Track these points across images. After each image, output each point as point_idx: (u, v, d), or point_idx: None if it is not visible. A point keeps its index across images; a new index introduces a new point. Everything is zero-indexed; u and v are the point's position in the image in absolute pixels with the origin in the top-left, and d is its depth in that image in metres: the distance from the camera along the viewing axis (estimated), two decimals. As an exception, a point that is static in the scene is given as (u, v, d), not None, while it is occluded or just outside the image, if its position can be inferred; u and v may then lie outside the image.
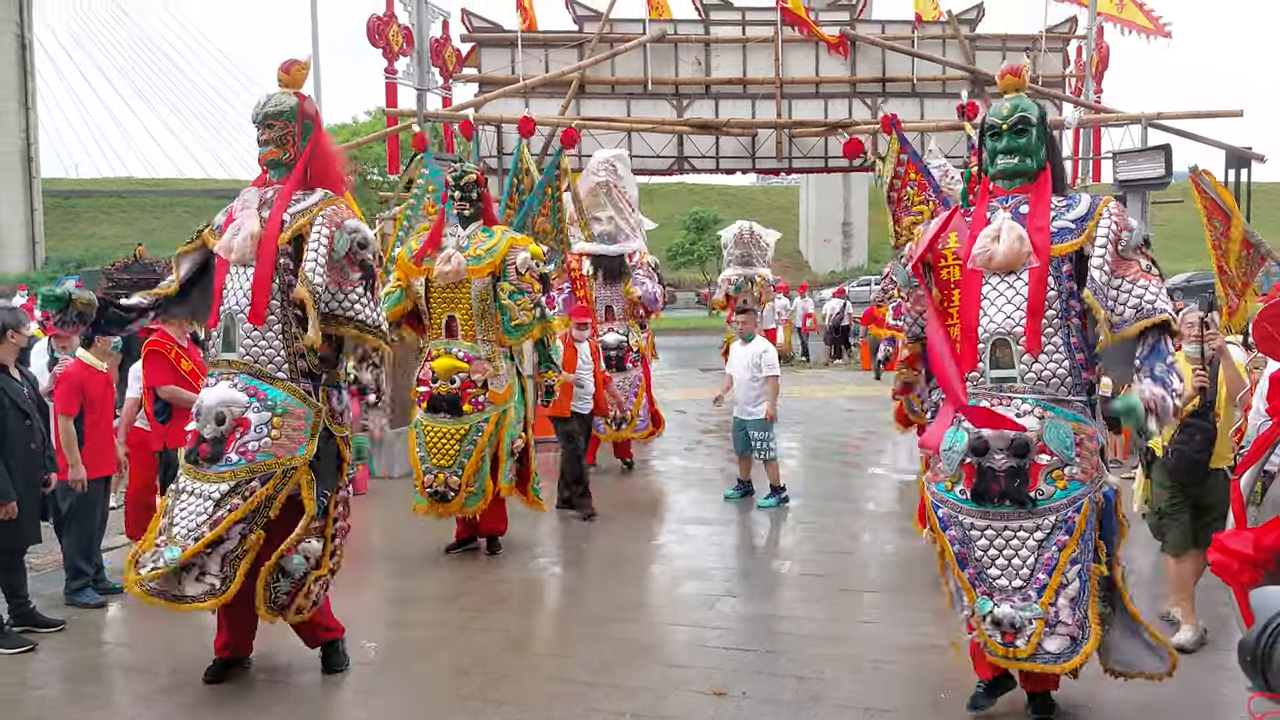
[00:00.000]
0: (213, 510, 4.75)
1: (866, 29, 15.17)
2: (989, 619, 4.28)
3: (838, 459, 11.66)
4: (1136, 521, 5.64)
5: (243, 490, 4.79)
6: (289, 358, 4.99)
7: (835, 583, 6.79)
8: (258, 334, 4.95)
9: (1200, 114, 14.27)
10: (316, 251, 4.93)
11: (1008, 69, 4.70)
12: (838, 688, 5.02)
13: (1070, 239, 4.36)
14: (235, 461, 4.82)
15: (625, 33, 14.75)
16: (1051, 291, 4.33)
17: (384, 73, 13.37)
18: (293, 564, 4.92)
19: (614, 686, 5.07)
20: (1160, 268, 4.42)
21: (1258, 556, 3.17)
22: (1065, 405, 4.30)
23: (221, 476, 4.81)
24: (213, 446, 4.86)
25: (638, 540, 8.03)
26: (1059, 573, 4.19)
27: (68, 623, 6.05)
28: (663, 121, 14.62)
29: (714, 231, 43.19)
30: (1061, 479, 4.23)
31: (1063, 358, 4.32)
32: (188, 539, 4.73)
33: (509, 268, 7.08)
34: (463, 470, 7.07)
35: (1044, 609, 4.19)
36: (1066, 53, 15.69)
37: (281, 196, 5.05)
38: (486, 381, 7.12)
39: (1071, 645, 4.22)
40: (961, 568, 4.38)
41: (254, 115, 5.12)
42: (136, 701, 5.01)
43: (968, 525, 4.35)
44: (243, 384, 4.92)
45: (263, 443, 4.84)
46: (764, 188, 61.51)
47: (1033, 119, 4.48)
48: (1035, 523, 4.23)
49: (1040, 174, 4.51)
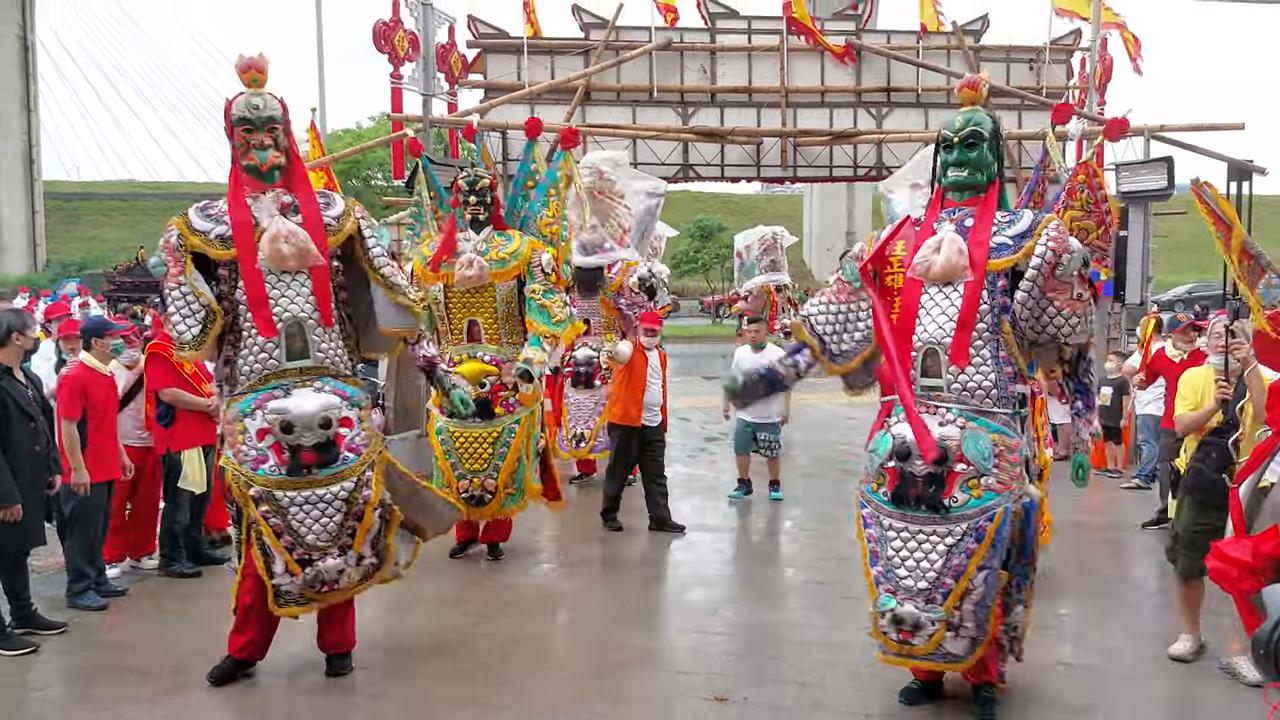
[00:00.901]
0: (346, 509, 5.00)
1: (872, 39, 15.21)
2: (889, 616, 4.44)
3: (839, 467, 11.66)
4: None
5: (365, 482, 5.05)
6: (350, 354, 5.27)
7: (836, 590, 6.80)
8: (330, 336, 5.11)
9: (1202, 126, 14.30)
10: (377, 244, 5.31)
11: (966, 81, 4.77)
12: (839, 694, 5.04)
13: (1007, 254, 4.44)
14: (350, 460, 5.03)
15: (631, 40, 14.80)
16: (984, 305, 4.42)
17: (389, 78, 13.41)
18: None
19: (616, 692, 5.09)
20: (1096, 293, 4.63)
21: (1256, 564, 3.19)
22: (988, 416, 4.40)
23: (340, 476, 5.00)
24: (320, 452, 4.95)
25: (640, 546, 8.04)
26: (965, 579, 4.31)
27: (69, 625, 6.06)
28: (668, 129, 14.65)
29: (718, 239, 43.25)
30: (977, 488, 4.33)
31: (989, 370, 4.41)
32: (338, 540, 5.02)
33: (534, 269, 7.09)
34: (498, 473, 7.09)
35: (948, 612, 4.33)
36: (1070, 64, 15.72)
37: (310, 202, 5.12)
38: (516, 384, 7.14)
39: (970, 644, 4.39)
40: (872, 565, 4.55)
41: (254, 119, 4.97)
42: (139, 703, 5.02)
43: (886, 526, 4.49)
44: (330, 387, 5.07)
45: (364, 436, 5.10)
46: (768, 196, 61.56)
47: (984, 133, 4.56)
48: (948, 529, 4.33)
49: (990, 187, 4.60)
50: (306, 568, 4.97)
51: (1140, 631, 6.03)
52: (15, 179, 48.61)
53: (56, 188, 56.61)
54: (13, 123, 48.19)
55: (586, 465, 10.69)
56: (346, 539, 5.03)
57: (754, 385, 5.02)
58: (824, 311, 4.92)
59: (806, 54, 14.98)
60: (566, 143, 8.68)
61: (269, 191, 5.07)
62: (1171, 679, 5.26)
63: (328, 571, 5.00)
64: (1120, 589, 6.90)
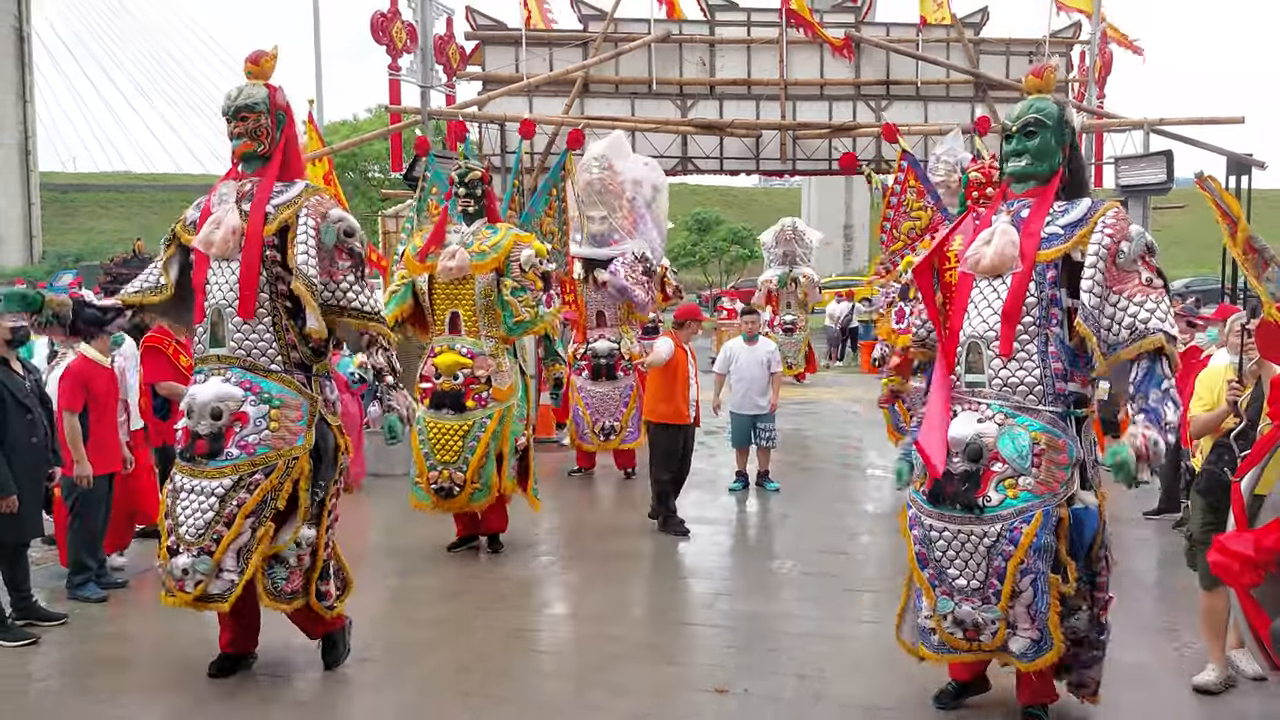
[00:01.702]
0: (219, 507, 4.77)
1: (871, 31, 15.17)
2: (950, 618, 4.31)
3: (838, 460, 11.69)
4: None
5: (247, 484, 4.79)
6: (281, 349, 5.01)
7: (836, 582, 6.81)
8: (248, 327, 4.96)
9: (1202, 120, 14.28)
10: (306, 244, 4.93)
11: (1033, 69, 4.62)
12: (838, 686, 5.04)
13: (1057, 244, 4.27)
14: (236, 456, 4.82)
15: (630, 32, 14.74)
16: (1031, 298, 4.27)
17: (388, 69, 13.36)
18: (287, 551, 4.94)
19: (615, 684, 5.09)
20: (1166, 277, 4.30)
21: (1258, 558, 3.19)
22: (1031, 414, 4.24)
23: (222, 471, 4.80)
24: (210, 443, 4.85)
25: (639, 539, 8.04)
26: (1009, 580, 4.16)
27: (70, 617, 6.06)
28: (666, 121, 14.61)
29: (715, 232, 43.25)
30: (1013, 488, 4.18)
31: (1035, 365, 4.26)
32: (200, 539, 4.76)
33: (512, 264, 7.09)
34: (467, 466, 7.08)
35: (1003, 611, 4.21)
36: (1070, 58, 15.69)
37: (262, 189, 5.02)
38: (490, 377, 7.13)
39: (1035, 647, 4.23)
40: (922, 567, 4.42)
41: (224, 108, 5.06)
42: (139, 695, 5.03)
43: (928, 526, 4.37)
44: (236, 378, 4.92)
45: (262, 436, 4.84)
46: (765, 189, 61.60)
47: (1047, 121, 4.38)
48: (983, 529, 4.20)
49: (1053, 176, 4.42)
50: (173, 557, 4.82)
51: (1140, 625, 6.04)
52: (11, 170, 48.53)
53: (52, 179, 56.50)
54: (8, 114, 48.09)
55: (586, 459, 10.69)
56: (210, 542, 4.76)
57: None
58: (924, 326, 4.79)
59: (805, 46, 14.93)
60: (573, 143, 8.69)
61: (245, 179, 5.11)
62: (1172, 673, 5.26)
63: (174, 568, 4.79)
64: (1120, 582, 6.89)
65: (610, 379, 10.25)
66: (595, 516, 8.99)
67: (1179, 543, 7.69)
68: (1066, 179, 4.46)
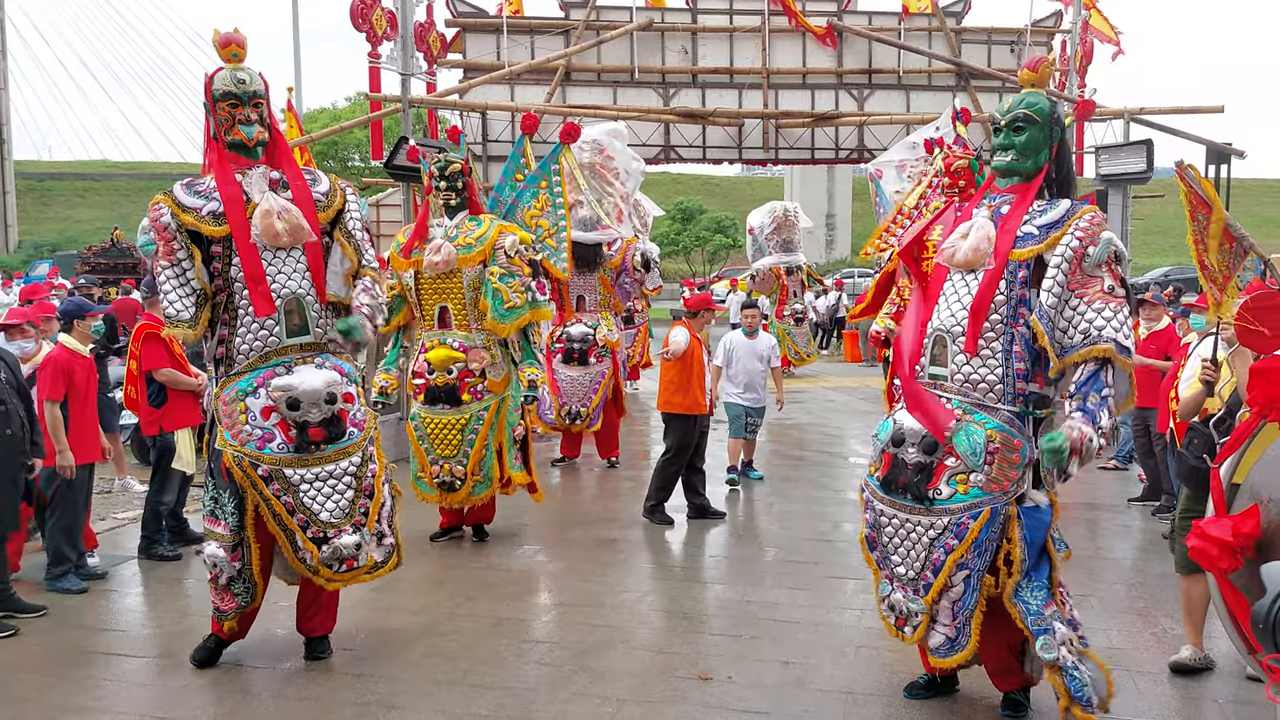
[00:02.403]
0: (356, 484, 5.02)
1: (853, 20, 15.19)
2: (887, 601, 4.48)
3: (822, 449, 11.72)
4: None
5: (368, 455, 5.10)
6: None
7: (819, 570, 6.84)
8: (325, 313, 5.12)
9: (1182, 109, 14.39)
10: (357, 223, 5.26)
11: (1027, 63, 4.53)
12: (821, 672, 5.07)
13: (1031, 244, 4.23)
14: (355, 435, 5.06)
15: (612, 20, 14.72)
16: (1000, 296, 4.24)
17: (368, 57, 13.28)
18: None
19: (600, 671, 5.11)
20: (1129, 288, 4.22)
21: (1236, 543, 3.22)
22: (990, 412, 4.23)
23: (346, 452, 5.02)
24: (329, 427, 4.96)
25: (623, 528, 8.05)
26: (944, 574, 4.22)
27: (49, 608, 6.03)
28: (649, 110, 14.60)
29: (699, 221, 43.23)
30: (964, 484, 4.20)
31: (997, 364, 4.25)
32: (348, 517, 5.01)
33: (497, 252, 7.02)
34: (467, 459, 7.08)
35: (928, 605, 4.30)
36: (1051, 46, 15.76)
37: (298, 178, 5.10)
38: (484, 370, 7.11)
39: (948, 644, 4.31)
40: (870, 549, 4.55)
41: (240, 93, 4.92)
42: (121, 686, 5.01)
43: (879, 511, 4.46)
44: (331, 363, 5.08)
45: (365, 412, 5.17)
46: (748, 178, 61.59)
47: (1036, 117, 4.33)
48: (930, 521, 4.25)
49: (1037, 174, 4.38)
50: (322, 546, 4.96)
51: (1118, 609, 6.10)
52: (-14, 158, 48.05)
53: (27, 168, 55.94)
54: (-17, 101, 47.58)
55: (570, 448, 10.69)
56: (360, 516, 5.05)
57: None
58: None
59: (788, 35, 14.95)
60: (566, 137, 8.63)
61: (257, 167, 5.04)
62: (1148, 656, 5.32)
63: (345, 548, 4.98)
64: (1096, 567, 6.97)
65: (582, 364, 10.25)
66: (579, 505, 8.99)
67: (1160, 529, 7.79)
68: (1052, 177, 4.42)
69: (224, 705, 4.78)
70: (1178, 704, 4.79)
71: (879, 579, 4.55)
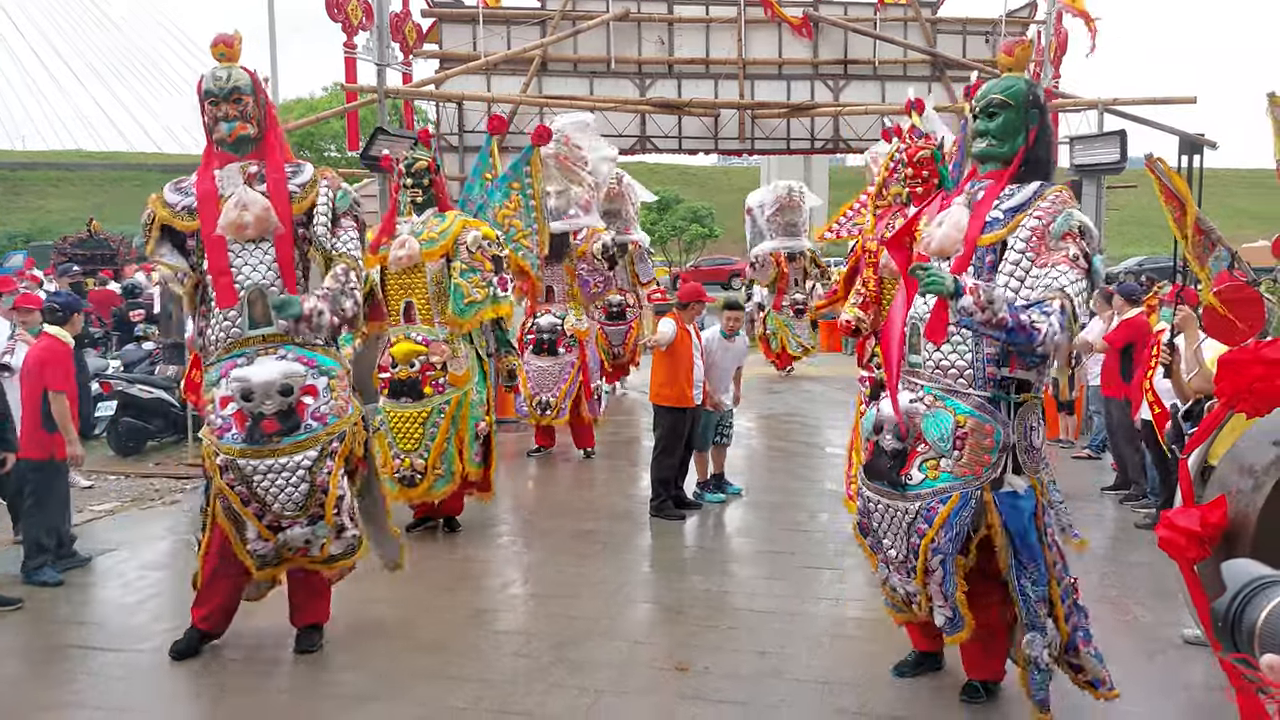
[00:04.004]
0: (310, 478, 4.94)
1: (829, 10, 15.21)
2: (888, 582, 4.57)
3: (798, 439, 11.77)
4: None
5: (330, 452, 5.01)
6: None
7: (795, 560, 6.89)
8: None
9: (1155, 100, 14.49)
10: (324, 215, 5.18)
11: (1003, 46, 4.55)
12: (797, 662, 5.11)
13: (997, 229, 4.23)
14: (315, 428, 4.98)
15: (588, 10, 14.68)
16: (969, 282, 4.14)
17: (343, 47, 13.21)
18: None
19: (577, 662, 5.12)
20: (1091, 261, 4.12)
21: (1204, 533, 3.26)
22: (960, 397, 4.25)
23: (302, 446, 4.94)
24: (282, 420, 4.92)
25: (599, 519, 8.07)
26: (921, 557, 4.26)
27: (25, 602, 5.99)
28: (625, 101, 14.59)
29: (675, 211, 43.18)
30: (935, 469, 4.24)
31: (967, 349, 4.26)
32: (304, 510, 4.98)
33: (460, 247, 7.07)
34: (428, 453, 7.08)
35: (920, 586, 4.36)
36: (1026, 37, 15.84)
37: (276, 170, 5.12)
38: (445, 364, 7.12)
39: (949, 624, 4.35)
40: (864, 535, 4.62)
41: (218, 91, 5.06)
42: (98, 679, 4.99)
43: (867, 497, 4.52)
44: (293, 355, 5.02)
45: (332, 405, 5.05)
46: (725, 168, 61.54)
47: (1011, 101, 4.30)
48: (905, 506, 4.30)
49: (1013, 159, 4.34)
50: (278, 534, 5.04)
51: (1091, 598, 6.09)
52: (-43, 149, 47.43)
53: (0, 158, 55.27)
54: (-46, 91, 46.94)
55: (546, 438, 10.69)
56: (316, 509, 5.02)
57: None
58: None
59: (764, 26, 14.95)
60: (538, 139, 8.63)
61: (239, 162, 5.13)
62: (1124, 645, 5.38)
63: (293, 539, 5.04)
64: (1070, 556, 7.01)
65: (552, 354, 10.24)
66: (555, 496, 8.99)
67: (1132, 518, 7.88)
68: (1030, 160, 4.36)
69: (201, 698, 4.77)
70: (1149, 692, 4.86)
71: (875, 563, 4.64)
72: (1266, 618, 1.22)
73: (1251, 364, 3.39)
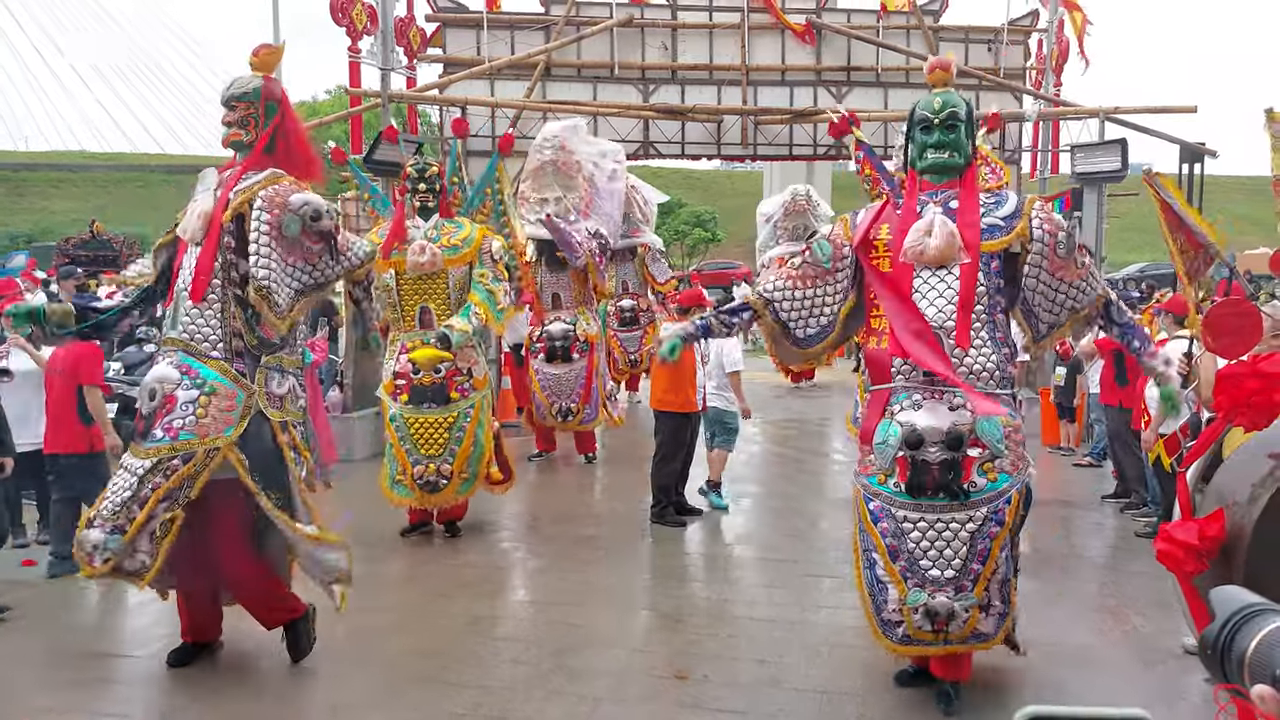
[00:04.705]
0: (137, 487, 4.75)
1: (832, 18, 15.21)
2: (921, 610, 4.34)
3: (800, 445, 11.77)
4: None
5: (164, 468, 4.76)
6: (224, 336, 4.98)
7: (796, 568, 6.88)
8: (196, 312, 4.96)
9: (1156, 109, 14.47)
10: (258, 243, 4.88)
11: (934, 62, 4.71)
12: (796, 671, 5.11)
13: (1000, 235, 4.46)
14: (160, 438, 4.80)
15: (592, 16, 14.69)
16: (981, 287, 4.41)
17: (347, 52, 13.21)
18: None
19: (576, 669, 5.12)
20: (1092, 253, 4.64)
21: (1202, 546, 3.27)
22: (994, 399, 4.33)
23: (147, 453, 4.79)
24: (146, 423, 4.87)
25: (600, 525, 8.07)
26: (992, 561, 4.27)
27: (18, 608, 5.99)
28: (628, 106, 14.58)
29: (678, 215, 43.20)
30: (992, 471, 4.30)
31: (990, 351, 4.40)
32: (115, 517, 4.72)
33: (484, 255, 7.16)
34: (454, 458, 7.11)
35: (979, 596, 4.31)
36: (1027, 45, 15.84)
37: (233, 177, 5.09)
38: (471, 369, 7.18)
39: (999, 621, 4.42)
40: (893, 560, 4.40)
41: (221, 97, 5.14)
42: (90, 686, 4.99)
43: (900, 518, 4.38)
44: (178, 361, 4.93)
45: (187, 421, 4.81)
46: (728, 173, 61.53)
47: (962, 115, 4.53)
48: (968, 514, 4.28)
49: (967, 170, 4.60)
50: (88, 529, 4.83)
51: (1090, 607, 6.16)
52: (-40, 149, 47.47)
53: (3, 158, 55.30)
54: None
55: (546, 443, 10.70)
56: (124, 521, 4.75)
57: (688, 340, 4.90)
58: (788, 296, 4.80)
59: (767, 32, 14.96)
60: (506, 148, 8.71)
61: (232, 168, 5.16)
62: (1123, 654, 5.39)
63: (85, 541, 4.79)
64: (1070, 565, 7.04)
65: (565, 361, 10.25)
66: (556, 502, 9.00)
67: (1132, 526, 7.88)
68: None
69: (196, 706, 4.77)
70: (1148, 701, 4.85)
71: (904, 591, 4.37)
72: (1256, 646, 1.21)
73: (1248, 378, 3.40)
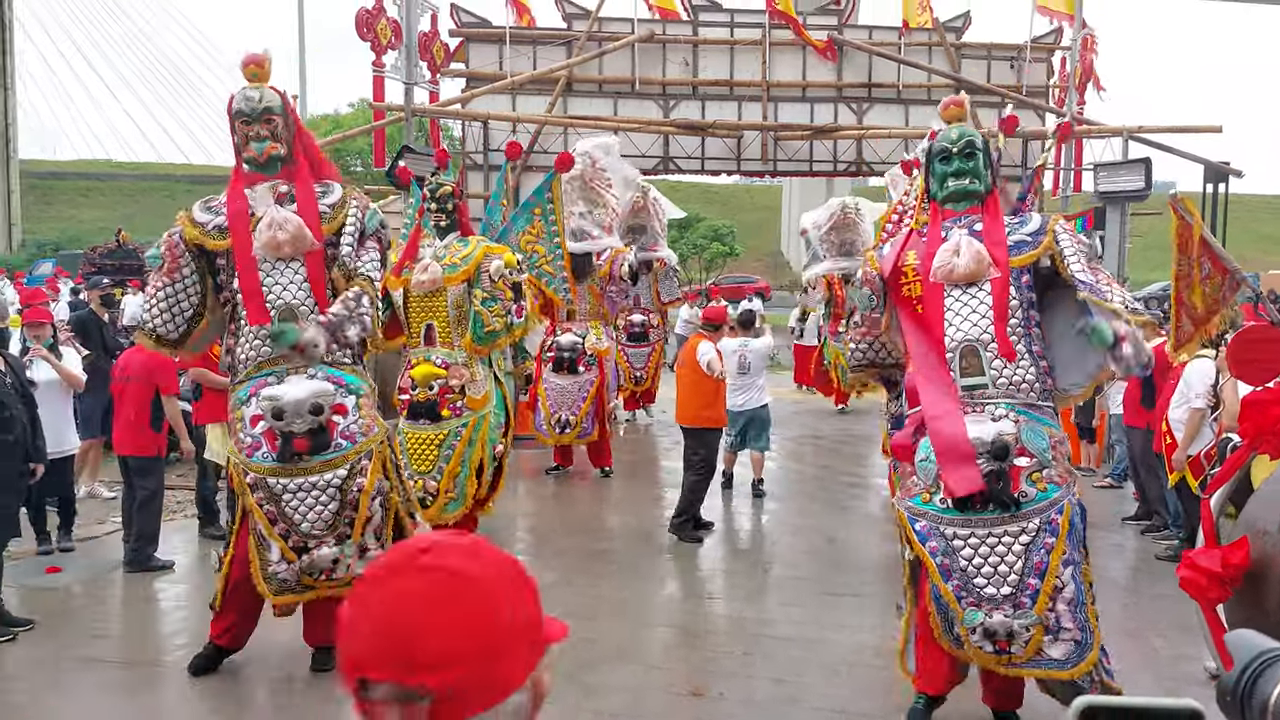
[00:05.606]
0: (340, 496, 4.98)
1: (854, 34, 15.23)
2: (979, 630, 4.22)
3: (819, 462, 11.74)
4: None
5: (360, 469, 5.04)
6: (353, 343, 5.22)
7: (815, 586, 6.86)
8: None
9: (1180, 129, 14.42)
10: (351, 235, 5.22)
11: (949, 101, 5.00)
12: (813, 690, 5.09)
13: (1028, 250, 4.60)
14: (345, 446, 5.02)
15: (613, 31, 14.76)
16: (1014, 301, 4.52)
17: (372, 66, 13.33)
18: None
19: (592, 685, 5.12)
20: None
21: (1226, 574, 3.25)
22: (1037, 410, 4.41)
23: (332, 464, 4.99)
24: (313, 439, 4.96)
25: (616, 539, 8.07)
26: (1051, 575, 4.18)
27: (43, 615, 6.02)
28: (649, 122, 14.63)
29: (696, 229, 43.23)
30: (1041, 481, 4.28)
31: (1029, 364, 4.47)
32: (332, 529, 5.00)
33: (482, 274, 7.10)
34: (441, 475, 7.11)
35: (1040, 614, 4.16)
36: (1050, 63, 15.81)
37: (306, 190, 5.18)
38: (464, 387, 7.15)
39: (1078, 650, 4.21)
40: (945, 580, 4.29)
41: (249, 111, 5.11)
42: (114, 693, 5.04)
43: (950, 536, 4.30)
44: (322, 374, 5.05)
45: (361, 424, 5.09)
46: (747, 187, 61.53)
47: (979, 145, 4.74)
48: (1020, 526, 4.22)
49: (989, 196, 4.75)
50: (302, 555, 5.01)
51: (1110, 629, 6.05)
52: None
53: (32, 167, 55.88)
54: (-11, 101, 47.62)
55: (564, 457, 10.71)
56: (344, 528, 5.04)
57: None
58: (873, 348, 5.14)
59: (788, 48, 14.98)
60: (561, 166, 8.72)
61: (269, 181, 5.18)
62: (1145, 678, 5.34)
63: (321, 560, 5.02)
64: (1091, 587, 6.98)
65: (571, 373, 10.29)
66: (572, 515, 9.00)
67: (1153, 549, 7.82)
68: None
69: (219, 716, 4.79)
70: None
71: (961, 611, 4.25)
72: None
73: (1274, 404, 3.38)
